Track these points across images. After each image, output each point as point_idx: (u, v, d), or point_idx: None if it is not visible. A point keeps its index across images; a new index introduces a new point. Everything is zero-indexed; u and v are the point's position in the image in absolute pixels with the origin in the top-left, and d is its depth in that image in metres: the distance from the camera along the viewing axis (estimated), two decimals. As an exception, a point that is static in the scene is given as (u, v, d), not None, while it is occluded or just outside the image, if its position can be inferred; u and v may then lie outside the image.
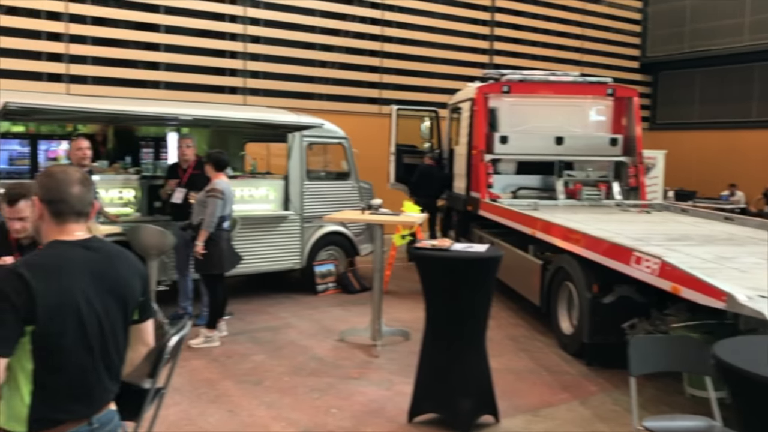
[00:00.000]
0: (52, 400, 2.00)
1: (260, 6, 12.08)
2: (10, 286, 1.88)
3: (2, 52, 10.02)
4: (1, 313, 1.87)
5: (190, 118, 7.05)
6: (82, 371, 2.05)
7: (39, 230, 2.11)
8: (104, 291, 2.08)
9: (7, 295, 1.87)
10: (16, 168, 7.61)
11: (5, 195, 3.43)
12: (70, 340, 1.99)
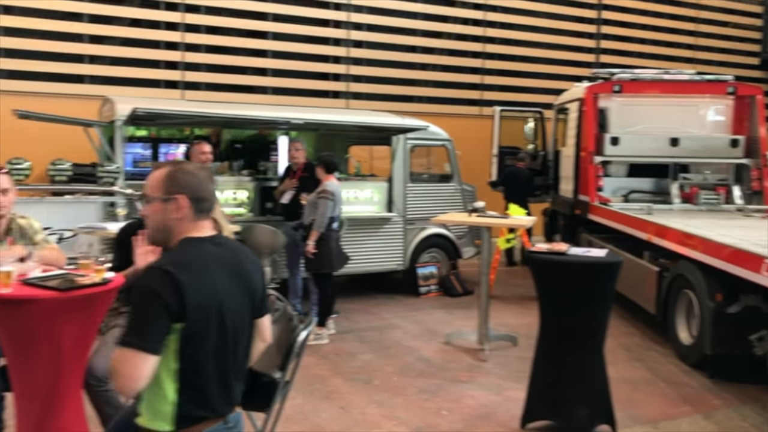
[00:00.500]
0: (196, 399, 2.02)
1: (363, 11, 12.25)
2: (162, 285, 1.90)
3: (125, 62, 10.69)
4: (154, 312, 1.89)
5: (301, 122, 7.25)
6: (222, 369, 2.07)
7: (170, 228, 2.09)
8: (237, 287, 2.10)
9: (160, 295, 1.89)
10: (139, 170, 8.08)
11: (142, 195, 3.65)
12: (214, 338, 2.02)
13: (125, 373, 1.87)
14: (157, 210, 2.08)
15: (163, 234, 2.10)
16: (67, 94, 10.10)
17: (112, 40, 10.70)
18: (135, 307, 1.93)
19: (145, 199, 2.10)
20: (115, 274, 3.28)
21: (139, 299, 1.92)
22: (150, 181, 2.11)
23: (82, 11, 10.46)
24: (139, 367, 1.87)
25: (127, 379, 1.88)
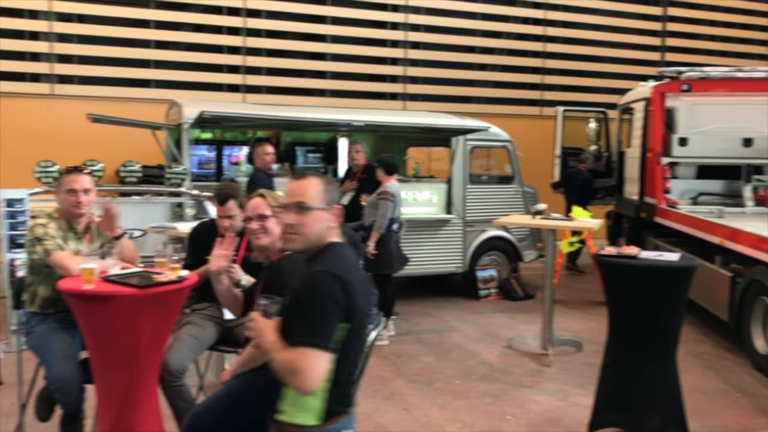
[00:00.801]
0: (339, 395, 2.15)
1: (421, 12, 12.23)
2: (336, 288, 2.02)
3: (189, 66, 10.97)
4: (332, 313, 2.01)
5: (362, 124, 7.29)
6: (356, 366, 2.25)
7: (323, 235, 2.16)
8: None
9: (338, 298, 2.01)
10: (203, 171, 8.27)
11: (216, 195, 3.73)
12: (359, 337, 2.19)
13: (308, 371, 1.97)
14: (319, 218, 2.17)
15: (316, 241, 2.18)
16: (135, 98, 10.44)
17: (176, 46, 11.00)
18: (311, 310, 2.01)
19: (298, 208, 2.16)
20: (188, 273, 3.35)
21: (315, 302, 2.01)
22: (305, 191, 2.18)
23: (149, 18, 10.79)
24: (319, 365, 1.99)
25: (309, 377, 1.97)
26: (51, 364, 3.25)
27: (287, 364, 2.00)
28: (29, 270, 3.46)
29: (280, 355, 2.03)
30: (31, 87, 10.26)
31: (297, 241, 2.17)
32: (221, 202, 3.68)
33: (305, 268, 2.21)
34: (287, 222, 2.18)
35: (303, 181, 2.22)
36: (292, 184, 2.23)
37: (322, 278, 2.04)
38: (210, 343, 3.67)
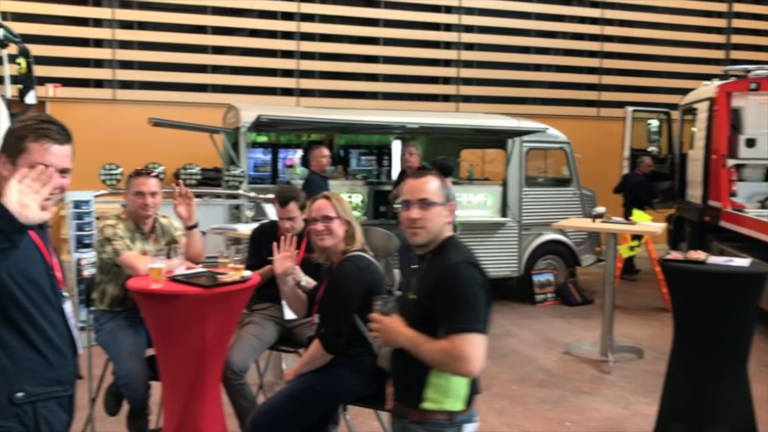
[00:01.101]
0: (476, 378, 2.26)
1: (474, 13, 12.14)
2: (478, 275, 2.16)
3: (245, 71, 11.15)
4: (483, 299, 2.15)
5: (416, 126, 7.27)
6: None
7: (441, 230, 2.26)
8: None
9: (481, 283, 2.17)
10: (259, 174, 8.39)
11: (277, 197, 3.77)
12: (489, 320, 2.26)
13: (473, 355, 2.06)
14: (439, 213, 2.26)
15: (436, 236, 2.27)
16: (193, 102, 10.68)
17: (232, 51, 11.21)
18: (462, 298, 2.12)
19: (422, 203, 2.24)
20: (251, 273, 3.40)
21: (465, 290, 2.12)
22: (427, 188, 2.27)
23: (206, 24, 11.03)
24: (481, 348, 2.09)
25: (475, 361, 2.07)
26: (119, 360, 3.34)
27: (448, 353, 2.07)
28: (99, 269, 3.56)
29: (432, 346, 2.11)
30: (95, 92, 10.62)
31: (420, 234, 2.25)
32: (282, 203, 3.73)
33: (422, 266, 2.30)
34: (411, 216, 2.25)
35: (423, 178, 2.32)
36: (413, 181, 2.31)
37: (463, 268, 2.15)
38: (271, 343, 3.72)
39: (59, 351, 1.96)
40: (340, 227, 2.97)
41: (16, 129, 1.93)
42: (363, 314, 2.90)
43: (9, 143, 1.92)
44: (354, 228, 2.99)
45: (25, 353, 1.88)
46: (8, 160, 1.91)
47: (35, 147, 1.90)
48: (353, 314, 2.87)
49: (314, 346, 2.90)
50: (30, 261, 1.90)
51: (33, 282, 1.90)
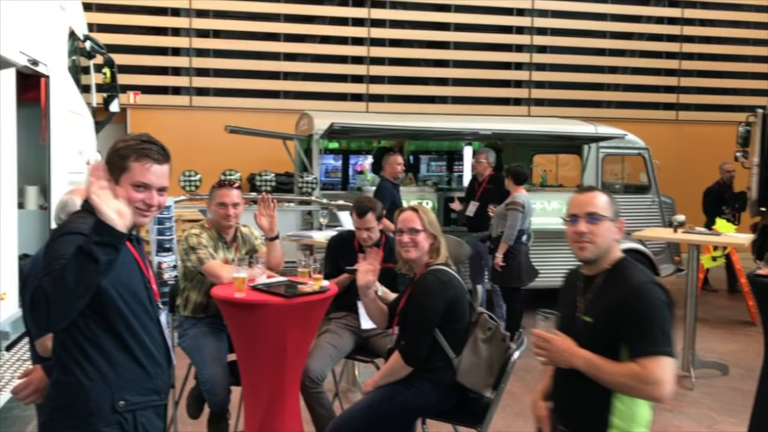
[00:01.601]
0: None
1: (547, 15, 11.93)
2: (665, 296, 2.10)
3: (316, 77, 11.32)
4: (670, 320, 2.09)
5: (489, 132, 7.19)
6: None
7: (610, 247, 2.20)
8: None
9: (669, 305, 2.11)
10: (330, 180, 8.49)
11: (355, 208, 3.81)
12: None
13: (666, 380, 2.01)
14: (608, 229, 2.22)
15: (605, 251, 2.22)
16: (265, 108, 10.91)
17: (304, 57, 11.39)
18: (653, 320, 2.06)
19: (590, 218, 2.20)
20: (329, 283, 3.43)
21: (655, 312, 2.06)
22: (596, 202, 2.23)
23: (279, 31, 11.25)
24: (673, 372, 2.05)
25: (668, 385, 2.02)
26: (202, 365, 3.43)
27: (639, 376, 2.01)
28: (183, 276, 3.67)
29: (617, 369, 2.05)
30: (173, 99, 11.00)
31: (588, 249, 2.20)
32: (360, 214, 3.76)
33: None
34: (579, 230, 2.20)
35: (591, 193, 2.28)
36: (581, 196, 2.28)
37: (650, 288, 2.08)
38: (347, 352, 3.75)
39: (156, 361, 2.03)
40: (426, 240, 2.96)
41: (119, 149, 2.01)
42: (444, 328, 2.89)
43: (112, 162, 2.00)
44: (439, 242, 2.98)
45: (126, 363, 1.95)
46: (111, 178, 1.99)
47: (137, 166, 1.97)
48: (434, 328, 2.86)
49: (394, 358, 2.90)
50: (130, 274, 1.98)
51: (133, 294, 1.98)
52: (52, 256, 1.83)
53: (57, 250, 1.84)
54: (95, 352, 1.91)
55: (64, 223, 2.04)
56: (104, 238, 1.71)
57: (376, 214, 3.79)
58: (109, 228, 1.72)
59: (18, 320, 4.65)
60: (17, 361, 4.36)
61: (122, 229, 1.74)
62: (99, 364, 1.91)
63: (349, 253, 3.80)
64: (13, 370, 4.18)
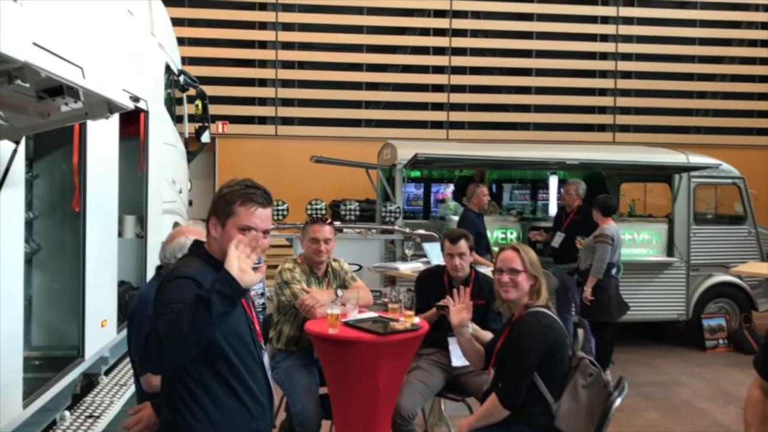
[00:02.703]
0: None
1: (632, 41, 11.65)
2: None
3: (396, 105, 11.43)
4: None
5: (576, 162, 7.03)
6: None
7: None
8: None
9: None
10: (411, 208, 8.50)
11: (448, 235, 3.81)
12: None
13: None
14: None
15: None
16: (347, 137, 11.10)
17: (385, 86, 11.55)
18: None
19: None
20: (419, 320, 3.41)
21: None
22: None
23: (362, 61, 11.46)
24: None
25: None
26: (295, 398, 3.47)
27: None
28: (276, 310, 3.74)
29: None
30: (259, 129, 11.37)
31: None
32: (453, 240, 3.74)
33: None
34: None
35: None
36: None
37: None
38: (438, 390, 3.70)
39: (260, 402, 2.07)
40: (526, 281, 2.91)
41: (225, 194, 2.08)
42: (543, 372, 2.81)
43: (219, 207, 2.07)
44: (540, 283, 2.91)
45: (231, 405, 2.00)
46: (218, 222, 2.06)
47: (242, 210, 2.04)
48: (533, 372, 2.78)
49: (491, 400, 2.84)
50: (237, 317, 2.02)
51: (239, 336, 2.03)
52: (165, 299, 1.90)
53: (170, 293, 1.91)
54: (202, 394, 1.97)
55: (174, 267, 2.11)
56: (227, 290, 1.76)
57: (469, 243, 3.76)
58: (234, 282, 1.76)
59: (116, 346, 4.86)
60: (115, 385, 4.54)
61: (244, 286, 1.78)
62: (205, 405, 1.97)
63: (438, 289, 3.78)
64: (112, 395, 4.35)
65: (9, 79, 1.98)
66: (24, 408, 3.17)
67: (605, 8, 11.69)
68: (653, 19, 11.63)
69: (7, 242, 3.03)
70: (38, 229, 4.28)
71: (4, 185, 2.90)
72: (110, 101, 2.80)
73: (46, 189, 4.31)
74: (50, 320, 4.25)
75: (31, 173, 4.23)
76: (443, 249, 3.84)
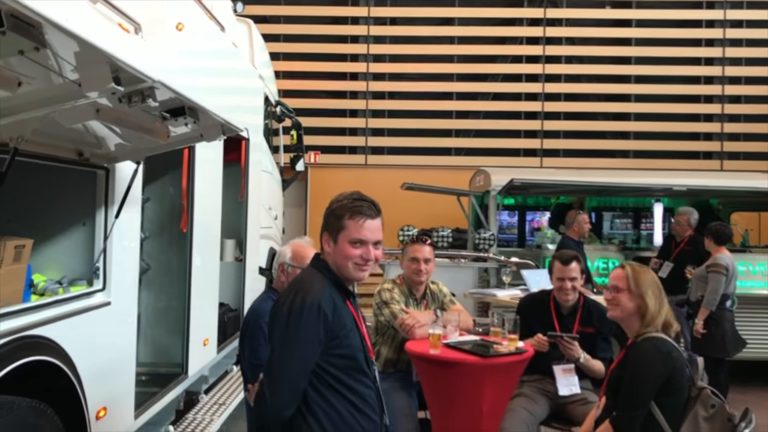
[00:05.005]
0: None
1: (741, 63, 11.08)
2: None
3: (487, 133, 11.33)
4: None
5: (684, 189, 6.66)
6: None
7: None
8: None
9: None
10: (505, 236, 8.32)
11: (558, 257, 3.65)
12: None
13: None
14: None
15: None
16: (437, 165, 11.07)
17: (476, 114, 11.48)
18: None
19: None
20: (524, 344, 3.27)
21: None
22: None
23: (452, 90, 11.47)
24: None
25: None
26: (393, 421, 3.36)
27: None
28: (374, 331, 3.69)
29: None
30: (349, 158, 11.53)
31: None
32: (565, 262, 3.57)
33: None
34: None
35: None
36: None
37: None
38: (542, 418, 3.51)
39: (370, 418, 2.01)
40: (629, 301, 2.72)
41: (334, 209, 2.09)
42: (660, 401, 2.61)
43: (329, 223, 2.08)
44: (647, 307, 2.71)
45: (343, 419, 1.95)
46: (330, 237, 2.06)
47: (352, 224, 2.03)
48: (650, 401, 2.58)
49: (603, 428, 2.66)
50: (351, 334, 2.00)
51: (351, 357, 1.99)
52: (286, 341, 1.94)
53: (288, 338, 1.92)
54: (316, 407, 1.95)
55: (299, 279, 2.10)
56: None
57: (581, 266, 3.58)
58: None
59: (215, 365, 4.95)
60: (215, 404, 4.61)
61: None
62: (320, 418, 1.95)
63: (543, 315, 3.62)
64: (212, 412, 4.42)
65: (142, 98, 2.07)
66: (135, 419, 3.26)
67: (710, 30, 11.19)
68: (764, 41, 11.02)
69: (125, 259, 3.15)
70: (147, 250, 4.44)
71: (125, 204, 3.02)
72: (224, 123, 2.89)
73: (156, 211, 4.48)
74: (157, 337, 4.38)
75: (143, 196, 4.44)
76: (551, 272, 3.67)
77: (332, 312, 1.95)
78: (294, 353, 1.90)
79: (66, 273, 2.96)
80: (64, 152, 2.69)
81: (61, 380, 2.58)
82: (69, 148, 2.72)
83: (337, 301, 2.00)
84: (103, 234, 2.95)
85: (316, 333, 1.91)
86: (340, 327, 1.97)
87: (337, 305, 1.99)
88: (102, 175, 2.96)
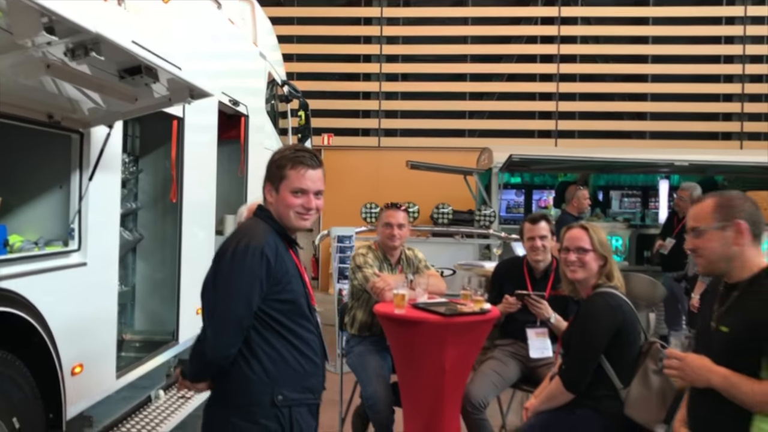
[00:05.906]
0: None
1: (763, 42, 10.77)
2: None
3: (501, 115, 11.26)
4: None
5: (686, 164, 6.57)
6: None
7: (731, 256, 2.03)
8: None
9: None
10: (512, 215, 8.31)
11: (528, 217, 3.67)
12: None
13: None
14: (715, 239, 2.06)
15: (720, 261, 2.06)
16: (450, 147, 11.04)
17: (490, 96, 11.41)
18: None
19: (694, 233, 2.11)
20: (491, 306, 3.31)
21: None
22: (695, 215, 2.13)
23: (466, 71, 11.41)
24: None
25: None
26: (366, 382, 3.45)
27: None
28: (350, 295, 3.76)
29: (759, 387, 1.89)
30: (362, 141, 11.57)
31: (698, 263, 2.14)
32: (533, 220, 3.59)
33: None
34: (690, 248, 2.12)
35: (699, 204, 2.15)
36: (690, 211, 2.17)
37: None
38: (513, 381, 3.54)
39: (313, 361, 2.09)
40: (594, 261, 2.74)
41: (276, 159, 2.14)
42: (610, 355, 2.63)
43: (272, 173, 2.13)
44: (610, 265, 2.73)
45: (285, 361, 2.04)
46: (272, 187, 2.12)
47: (293, 173, 2.08)
48: (599, 354, 2.61)
49: (555, 382, 2.69)
50: (293, 279, 2.07)
51: (293, 302, 2.06)
52: (232, 280, 2.00)
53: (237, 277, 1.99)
54: (259, 348, 2.02)
55: (244, 228, 2.17)
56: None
57: (550, 226, 3.58)
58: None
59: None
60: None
61: None
62: (262, 359, 2.02)
63: (516, 279, 3.64)
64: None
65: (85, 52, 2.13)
66: (117, 378, 3.38)
67: (731, 8, 10.93)
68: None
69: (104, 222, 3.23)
70: (142, 221, 4.56)
71: (98, 168, 3.11)
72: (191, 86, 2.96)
73: (150, 183, 4.58)
74: (151, 306, 4.50)
75: (137, 168, 4.55)
76: (522, 234, 3.69)
77: (275, 257, 2.01)
78: (239, 293, 1.97)
79: (43, 234, 3.07)
80: (34, 114, 2.78)
81: (35, 337, 2.69)
82: (39, 110, 2.81)
83: (280, 248, 2.06)
84: (77, 196, 3.05)
85: (258, 274, 1.97)
86: (282, 272, 2.02)
87: (280, 252, 2.05)
88: (77, 138, 3.05)
